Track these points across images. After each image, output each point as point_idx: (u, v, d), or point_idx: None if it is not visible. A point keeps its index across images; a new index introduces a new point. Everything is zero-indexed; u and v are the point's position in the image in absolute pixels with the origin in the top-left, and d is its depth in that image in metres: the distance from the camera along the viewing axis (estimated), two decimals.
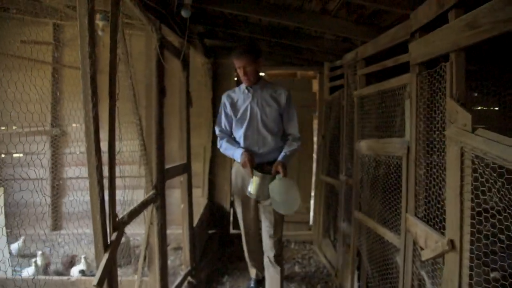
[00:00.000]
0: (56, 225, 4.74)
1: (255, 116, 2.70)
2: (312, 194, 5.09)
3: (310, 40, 3.40)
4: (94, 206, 1.66)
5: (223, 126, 2.86)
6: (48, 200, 4.72)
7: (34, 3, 3.62)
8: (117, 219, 1.82)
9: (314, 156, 4.90)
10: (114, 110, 1.82)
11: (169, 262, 3.93)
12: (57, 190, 4.75)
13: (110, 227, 1.74)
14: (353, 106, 3.10)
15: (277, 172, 2.54)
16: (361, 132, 2.93)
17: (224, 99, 2.83)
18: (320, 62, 4.20)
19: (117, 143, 1.92)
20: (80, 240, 4.59)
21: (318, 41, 3.40)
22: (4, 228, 2.81)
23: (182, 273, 3.28)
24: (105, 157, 1.74)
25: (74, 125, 4.71)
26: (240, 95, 2.78)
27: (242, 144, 2.76)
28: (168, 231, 4.69)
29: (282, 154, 2.65)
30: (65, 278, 2.83)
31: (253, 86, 2.72)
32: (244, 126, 2.72)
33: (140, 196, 2.62)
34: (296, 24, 2.99)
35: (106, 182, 1.73)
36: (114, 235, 1.76)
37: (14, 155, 4.86)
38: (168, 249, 4.38)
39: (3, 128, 4.69)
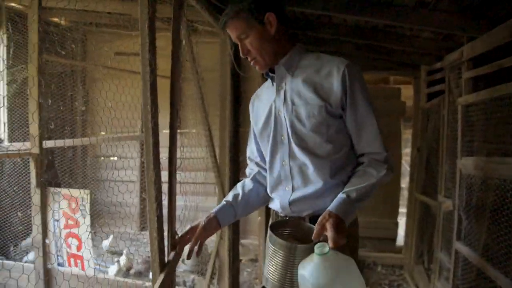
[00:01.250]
0: (143, 226, 4.95)
1: (281, 124, 1.40)
2: (401, 210, 4.57)
3: (404, 39, 2.96)
4: (151, 222, 1.54)
5: (249, 152, 1.65)
6: (137, 201, 4.94)
7: (128, 18, 3.81)
8: (176, 237, 1.70)
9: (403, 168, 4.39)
10: (176, 119, 1.71)
11: (245, 274, 3.81)
12: (145, 192, 4.96)
13: (168, 245, 1.62)
14: (457, 116, 2.61)
15: (321, 240, 1.16)
16: (467, 147, 2.43)
17: (250, 104, 1.61)
18: (416, 65, 3.70)
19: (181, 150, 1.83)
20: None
21: (413, 41, 2.94)
22: (89, 228, 2.90)
23: None
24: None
25: (164, 131, 4.89)
26: (265, 91, 1.54)
27: (268, 182, 1.51)
28: (247, 241, 4.60)
29: (340, 197, 1.25)
30: (140, 282, 2.84)
31: (275, 69, 1.41)
32: (269, 147, 1.45)
33: (207, 203, 2.50)
34: (387, 21, 2.60)
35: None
36: (172, 254, 1.63)
37: (110, 158, 5.22)
38: (245, 260, 4.29)
39: (102, 133, 5.06)
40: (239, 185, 1.60)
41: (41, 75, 3.03)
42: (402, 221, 4.58)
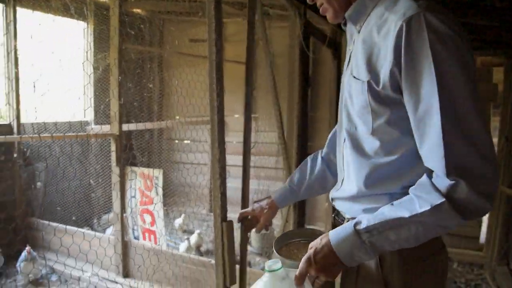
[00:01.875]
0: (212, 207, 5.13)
1: (341, 98, 1.07)
2: None
3: (493, 14, 2.62)
4: (215, 199, 1.57)
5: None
6: (208, 183, 5.13)
7: (202, 5, 3.91)
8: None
9: None
10: (251, 98, 1.72)
11: None
12: None
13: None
14: None
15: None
16: None
17: None
18: (509, 44, 3.30)
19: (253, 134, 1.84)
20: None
21: (505, 14, 2.59)
22: (162, 205, 3.08)
23: None
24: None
25: (236, 115, 4.98)
26: None
27: None
28: (314, 227, 4.54)
29: (350, 222, 0.86)
30: (206, 260, 2.95)
31: (350, 20, 1.01)
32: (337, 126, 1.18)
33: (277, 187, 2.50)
34: None
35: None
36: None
37: (184, 141, 5.47)
38: None
39: (177, 117, 5.31)
40: (309, 161, 1.35)
41: (121, 62, 3.26)
42: (485, 217, 4.18)
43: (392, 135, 0.89)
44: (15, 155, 3.95)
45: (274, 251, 1.06)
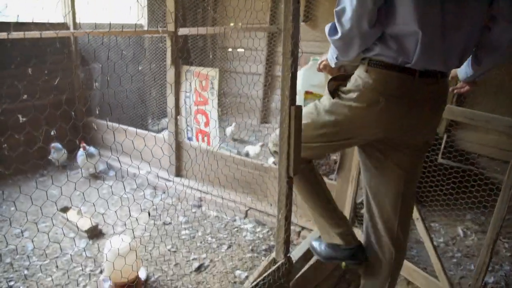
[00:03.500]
0: (264, 118, 5.00)
1: None
2: None
3: None
4: (285, 80, 1.37)
5: None
6: (261, 94, 4.94)
7: None
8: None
9: None
10: None
11: None
12: (269, 86, 4.91)
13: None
14: None
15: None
16: None
17: None
18: None
19: None
20: None
21: None
22: (217, 105, 2.97)
23: None
24: None
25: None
26: None
27: None
28: None
29: None
30: (259, 163, 2.87)
31: None
32: None
33: None
34: None
35: None
36: None
37: (238, 49, 5.21)
38: None
39: (231, 24, 5.00)
40: None
41: None
42: None
43: None
44: (71, 50, 3.94)
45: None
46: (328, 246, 1.66)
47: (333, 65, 1.44)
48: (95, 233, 2.67)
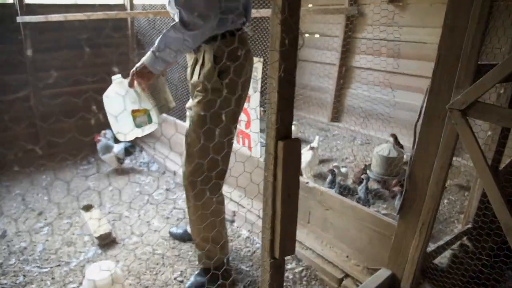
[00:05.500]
0: (335, 116, 4.24)
1: None
2: None
3: None
4: None
5: None
6: (333, 88, 4.18)
7: None
8: None
9: None
10: None
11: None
12: (343, 78, 4.12)
13: None
14: None
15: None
16: None
17: None
18: None
19: None
20: (353, 139, 3.94)
21: None
22: (259, 104, 2.38)
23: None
24: None
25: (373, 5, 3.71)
26: None
27: None
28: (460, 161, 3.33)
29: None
30: (303, 181, 2.23)
31: None
32: None
33: None
34: None
35: None
36: None
37: (315, 35, 4.48)
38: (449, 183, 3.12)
39: (309, 5, 4.28)
40: None
41: None
42: None
43: None
44: (128, 34, 3.68)
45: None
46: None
47: (159, 70, 1.53)
48: (107, 241, 2.33)
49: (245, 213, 2.49)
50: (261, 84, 2.39)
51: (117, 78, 1.66)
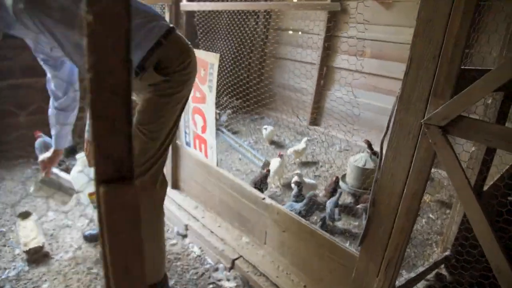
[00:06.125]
0: (314, 119, 3.94)
1: None
2: None
3: None
4: None
5: None
6: (313, 89, 3.88)
7: None
8: None
9: None
10: None
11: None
12: (324, 79, 3.81)
13: None
14: None
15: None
16: None
17: None
18: None
19: None
20: (331, 145, 3.64)
21: None
22: (214, 105, 2.06)
23: None
24: None
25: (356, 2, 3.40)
26: None
27: None
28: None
29: None
30: (259, 196, 1.92)
31: None
32: None
33: None
34: None
35: None
36: None
37: (299, 33, 4.15)
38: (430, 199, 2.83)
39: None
40: None
41: None
42: None
43: None
44: None
45: None
46: None
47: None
48: (36, 256, 1.99)
49: (199, 227, 2.18)
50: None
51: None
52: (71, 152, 2.83)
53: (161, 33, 1.29)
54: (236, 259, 1.92)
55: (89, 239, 2.14)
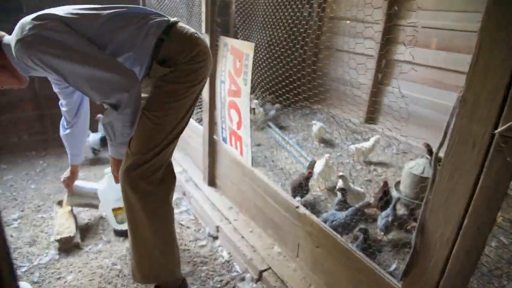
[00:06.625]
0: (370, 116, 3.56)
1: None
2: None
3: None
4: None
5: None
6: (370, 82, 3.51)
7: None
8: None
9: None
10: None
11: None
12: (383, 73, 3.41)
13: None
14: None
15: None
16: None
17: None
18: None
19: None
20: (387, 146, 3.26)
21: None
22: (249, 100, 1.87)
23: None
24: None
25: None
26: None
27: None
28: None
29: None
30: (293, 204, 1.70)
31: None
32: None
33: None
34: None
35: None
36: None
37: (347, 21, 3.78)
38: None
39: None
40: None
41: None
42: None
43: None
44: None
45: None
46: None
47: (122, 156, 1.41)
48: (67, 246, 1.97)
49: (229, 229, 2.01)
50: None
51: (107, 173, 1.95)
52: (104, 140, 2.92)
53: (161, 30, 1.28)
54: (264, 270, 1.73)
55: (119, 233, 2.08)
